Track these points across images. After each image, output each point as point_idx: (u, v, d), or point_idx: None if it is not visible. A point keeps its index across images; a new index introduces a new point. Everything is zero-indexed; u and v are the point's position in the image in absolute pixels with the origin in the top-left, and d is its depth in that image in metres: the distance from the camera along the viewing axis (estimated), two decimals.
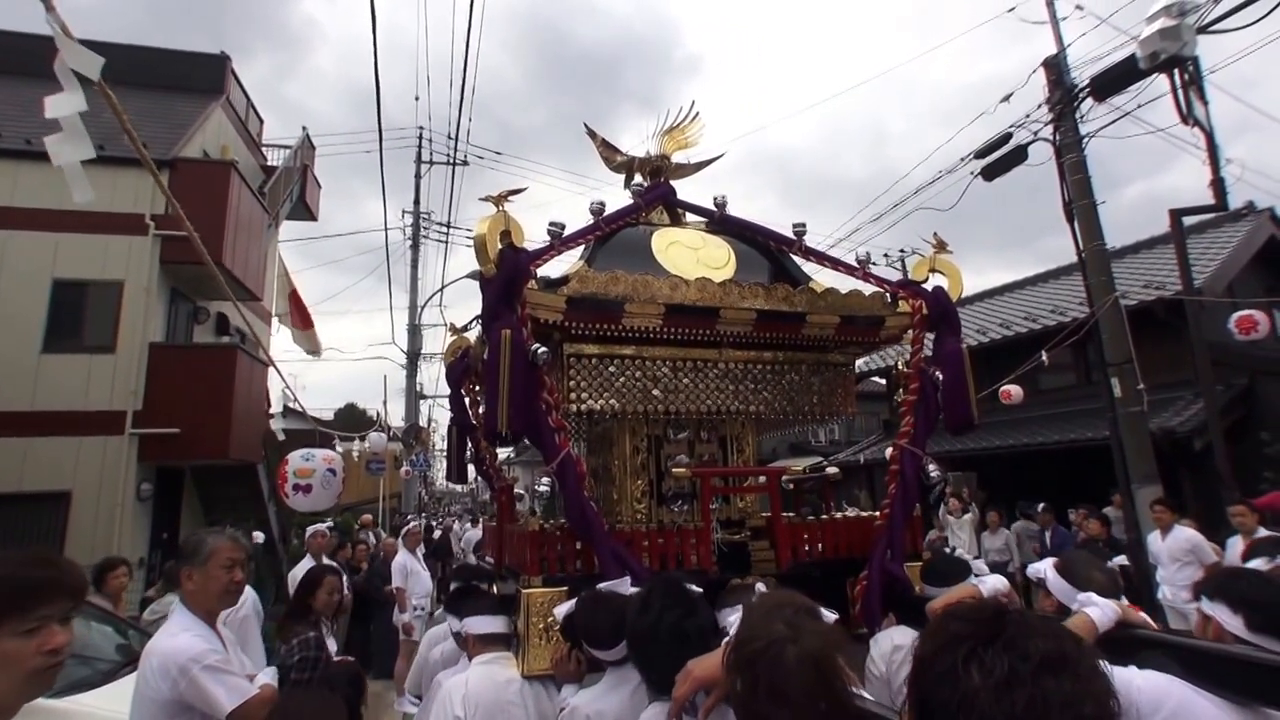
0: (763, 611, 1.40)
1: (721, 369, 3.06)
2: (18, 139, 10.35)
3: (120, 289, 10.40)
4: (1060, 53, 7.26)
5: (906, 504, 2.97)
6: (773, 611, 1.38)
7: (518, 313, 2.50)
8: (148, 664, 2.33)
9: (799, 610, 1.38)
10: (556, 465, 2.51)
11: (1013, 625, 0.95)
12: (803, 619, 1.36)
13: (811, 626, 1.34)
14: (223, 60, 14.60)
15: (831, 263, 3.35)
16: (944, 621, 1.01)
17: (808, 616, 1.37)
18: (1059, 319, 8.54)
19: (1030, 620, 0.97)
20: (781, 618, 1.35)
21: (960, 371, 3.02)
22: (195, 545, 2.52)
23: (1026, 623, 0.96)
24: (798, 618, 1.35)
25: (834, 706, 1.26)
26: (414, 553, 8.48)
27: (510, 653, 2.69)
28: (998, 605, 1.02)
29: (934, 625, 1.03)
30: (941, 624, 1.01)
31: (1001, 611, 0.99)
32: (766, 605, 1.43)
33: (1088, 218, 7.14)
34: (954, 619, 1.00)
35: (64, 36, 2.85)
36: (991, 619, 0.97)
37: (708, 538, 2.85)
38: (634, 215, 3.19)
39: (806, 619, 1.36)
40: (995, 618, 0.97)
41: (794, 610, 1.37)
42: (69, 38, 2.86)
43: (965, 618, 0.99)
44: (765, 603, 1.47)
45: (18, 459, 9.63)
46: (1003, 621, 0.96)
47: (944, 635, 0.98)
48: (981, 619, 0.98)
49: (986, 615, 0.98)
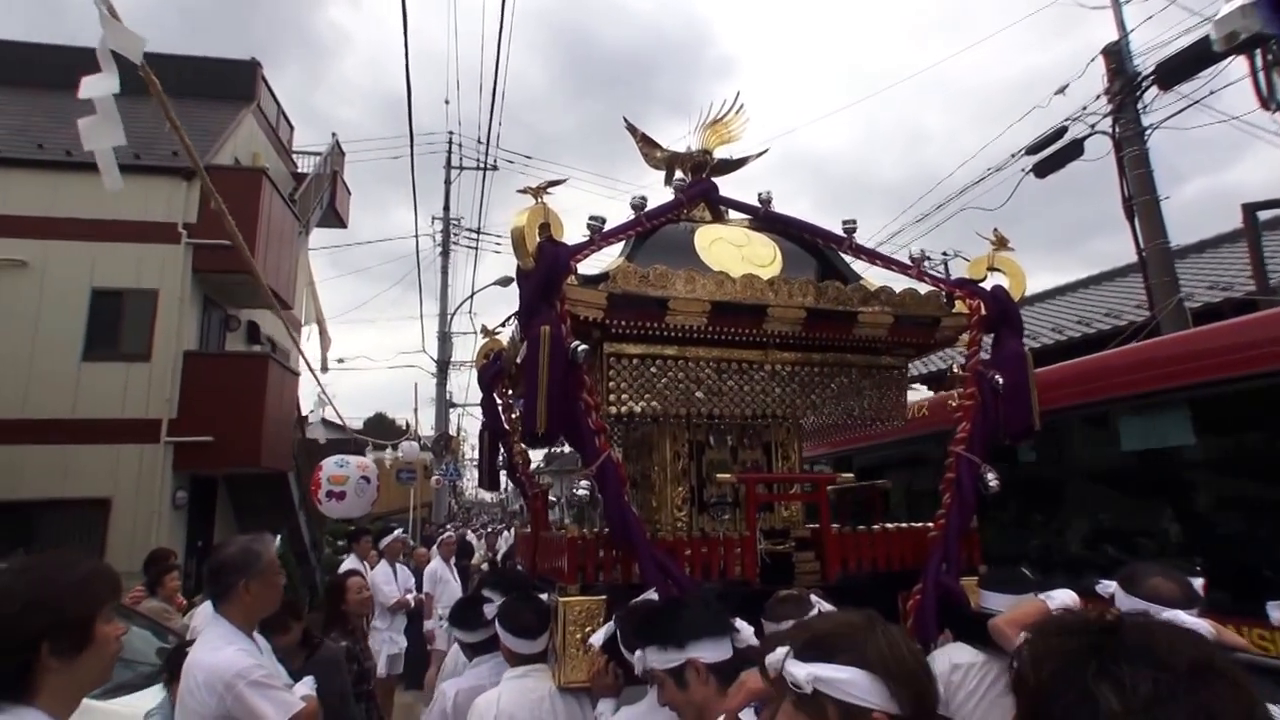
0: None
1: (767, 371, 2.92)
2: (58, 150, 10.56)
3: (155, 297, 10.55)
4: (1122, 39, 6.98)
5: (963, 515, 2.82)
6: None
7: (556, 309, 2.39)
8: (191, 678, 2.29)
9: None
10: (596, 469, 2.39)
11: (1134, 632, 0.80)
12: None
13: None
14: (253, 66, 14.73)
15: (884, 261, 3.20)
16: (1048, 639, 0.85)
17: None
18: (1114, 323, 8.22)
19: (1150, 624, 0.83)
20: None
21: (1022, 375, 2.86)
22: (250, 555, 2.45)
23: (1147, 627, 0.82)
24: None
25: None
26: (447, 562, 8.39)
27: (545, 665, 2.58)
28: (1101, 612, 0.87)
29: (1038, 645, 0.87)
30: (1047, 642, 0.85)
31: (1112, 617, 0.84)
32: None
33: (1150, 215, 6.84)
34: (1060, 634, 0.85)
35: (108, 16, 2.82)
36: (1106, 627, 0.82)
37: (753, 547, 2.72)
38: (675, 211, 3.08)
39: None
40: (1110, 625, 0.82)
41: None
42: (114, 18, 2.82)
43: (1074, 630, 0.85)
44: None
45: (60, 466, 9.79)
46: (1119, 629, 0.81)
47: (1058, 655, 0.83)
48: (1094, 628, 0.83)
49: (1097, 623, 0.84)
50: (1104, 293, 10.98)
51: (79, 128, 2.87)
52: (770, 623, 2.24)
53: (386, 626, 6.98)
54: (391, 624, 7.13)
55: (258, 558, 2.45)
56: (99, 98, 2.77)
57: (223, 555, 2.47)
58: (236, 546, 2.49)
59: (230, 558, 2.44)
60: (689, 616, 1.89)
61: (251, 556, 2.44)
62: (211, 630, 2.43)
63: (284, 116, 16.50)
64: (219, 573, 2.44)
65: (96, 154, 2.83)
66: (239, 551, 2.46)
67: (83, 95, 2.81)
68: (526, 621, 2.57)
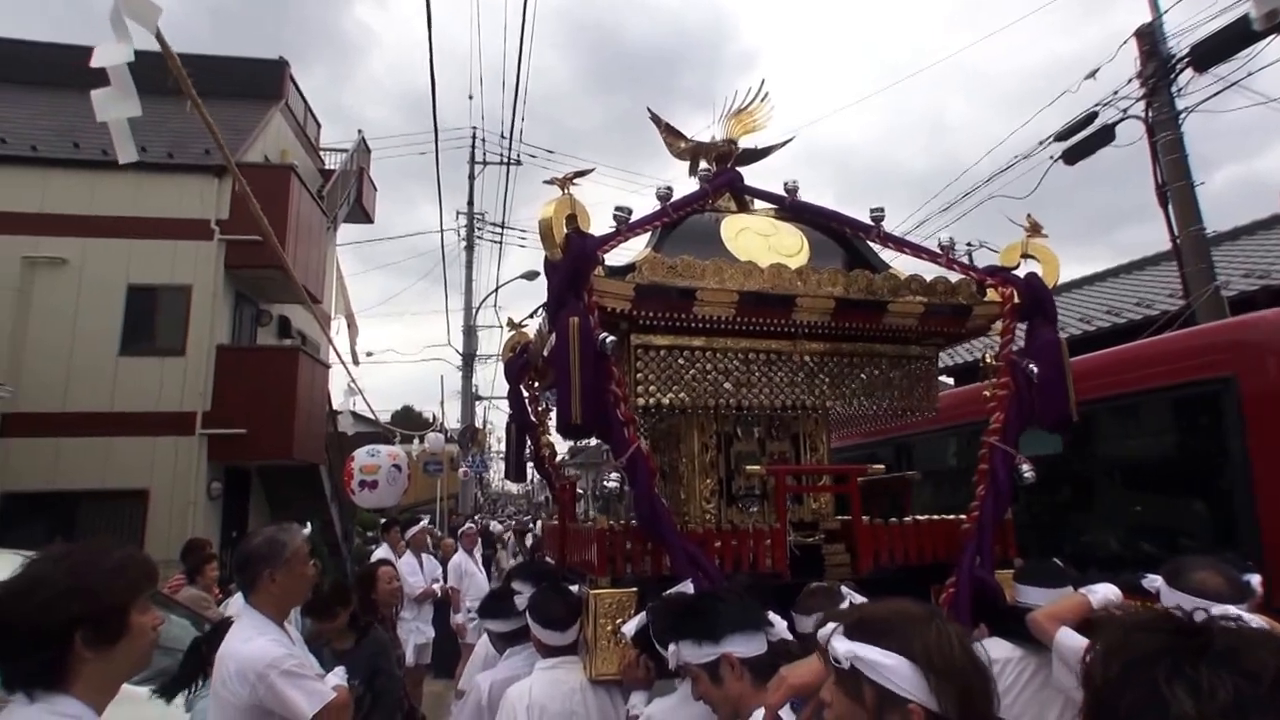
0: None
1: (796, 362, 2.89)
2: (95, 150, 10.77)
3: (189, 293, 10.74)
4: (1156, 20, 6.76)
5: (998, 506, 2.78)
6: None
7: (584, 300, 2.38)
8: (224, 668, 2.31)
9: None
10: (626, 460, 2.38)
11: (1223, 636, 0.76)
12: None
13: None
14: (281, 65, 14.91)
15: (913, 249, 3.14)
16: (1123, 634, 0.82)
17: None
18: (1145, 312, 8.03)
19: (1241, 630, 0.78)
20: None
21: (1058, 364, 2.80)
22: (275, 546, 2.43)
23: (1239, 633, 0.77)
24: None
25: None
26: (470, 554, 8.44)
27: (576, 657, 2.59)
28: (1192, 613, 0.83)
29: (1111, 640, 0.83)
30: (1120, 637, 0.82)
31: (1202, 619, 0.80)
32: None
33: (1184, 200, 6.66)
34: (1137, 629, 0.82)
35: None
36: (1193, 628, 0.78)
37: (782, 540, 2.70)
38: (701, 201, 3.05)
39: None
40: (1197, 626, 0.78)
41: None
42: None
43: (1153, 628, 0.81)
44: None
45: (101, 457, 10.06)
46: (1208, 631, 0.77)
47: (1130, 650, 0.80)
48: (1179, 628, 0.79)
49: (1184, 624, 0.80)
50: (1135, 282, 10.73)
51: (92, 99, 2.77)
52: (801, 615, 2.23)
53: (413, 616, 7.07)
54: (419, 614, 7.22)
55: (283, 548, 2.43)
56: (113, 67, 2.69)
57: (248, 547, 2.47)
58: (262, 538, 2.48)
59: (255, 549, 2.44)
60: (724, 611, 1.87)
61: (277, 547, 2.43)
62: (243, 621, 2.45)
63: (311, 114, 16.66)
64: (245, 564, 2.44)
65: (110, 125, 2.74)
66: (264, 542, 2.45)
67: (95, 64, 2.70)
68: (557, 613, 2.58)
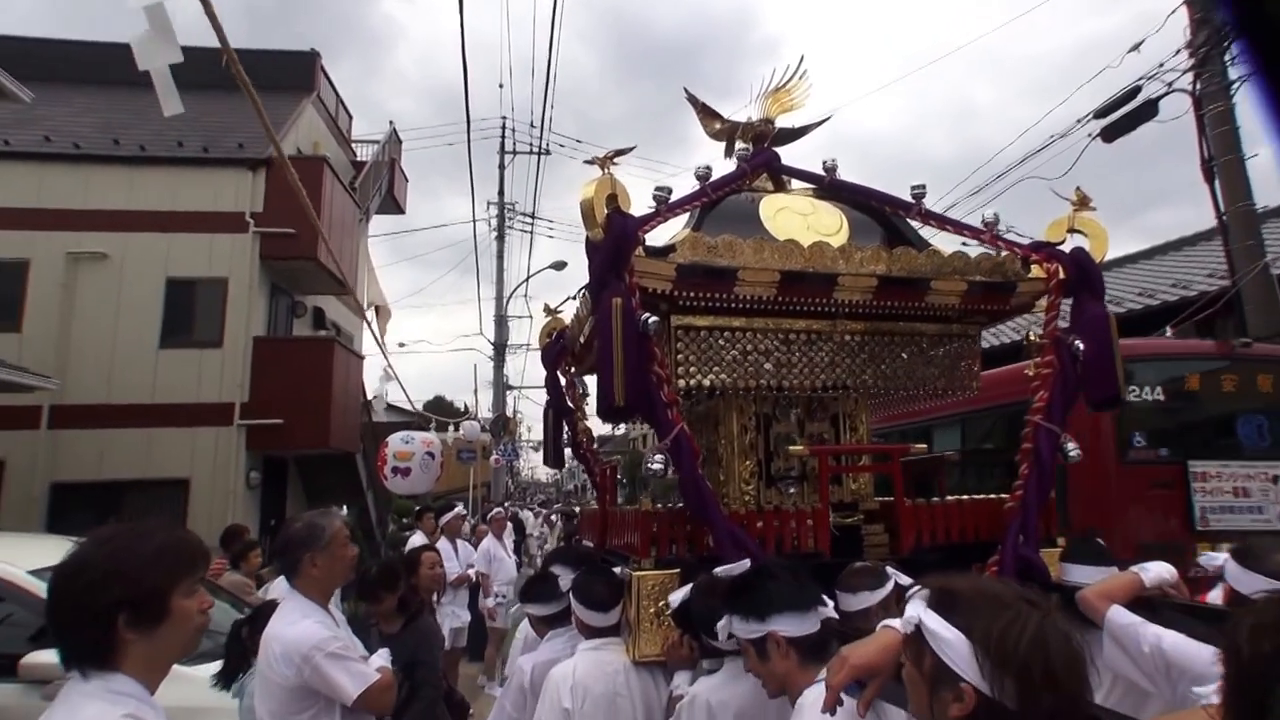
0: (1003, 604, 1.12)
1: (836, 341, 2.87)
2: (134, 145, 10.98)
3: (225, 285, 10.91)
4: None
5: (1042, 486, 2.74)
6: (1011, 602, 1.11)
7: (626, 281, 2.38)
8: (270, 651, 2.36)
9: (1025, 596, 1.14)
10: (670, 442, 2.38)
11: None
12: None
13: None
14: (313, 57, 14.97)
15: (955, 226, 3.09)
16: (1277, 611, 0.80)
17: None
18: (1182, 293, 7.84)
19: None
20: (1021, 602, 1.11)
21: (1106, 340, 2.74)
22: (314, 530, 2.47)
23: None
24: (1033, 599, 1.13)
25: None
26: (500, 539, 8.53)
27: (619, 638, 2.60)
28: None
29: (1265, 616, 0.81)
30: (1275, 614, 0.80)
31: None
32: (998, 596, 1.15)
33: (1233, 175, 6.46)
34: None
35: None
36: None
37: (825, 520, 2.69)
38: (739, 181, 3.03)
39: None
40: None
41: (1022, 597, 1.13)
42: None
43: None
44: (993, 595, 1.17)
45: (143, 448, 10.30)
46: None
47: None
48: None
49: None
50: (1168, 264, 10.48)
51: (131, 45, 2.66)
52: (846, 593, 2.22)
53: (449, 601, 7.17)
54: (454, 599, 7.33)
55: (322, 531, 2.47)
56: (149, 5, 2.63)
57: (289, 532, 2.52)
58: (302, 523, 2.53)
59: (295, 534, 2.48)
60: (774, 590, 1.87)
61: (316, 531, 2.47)
62: (288, 604, 2.50)
63: (343, 106, 16.78)
64: (285, 549, 2.49)
65: (153, 74, 2.66)
66: (303, 527, 2.50)
67: (132, 4, 2.66)
68: (600, 594, 2.59)
